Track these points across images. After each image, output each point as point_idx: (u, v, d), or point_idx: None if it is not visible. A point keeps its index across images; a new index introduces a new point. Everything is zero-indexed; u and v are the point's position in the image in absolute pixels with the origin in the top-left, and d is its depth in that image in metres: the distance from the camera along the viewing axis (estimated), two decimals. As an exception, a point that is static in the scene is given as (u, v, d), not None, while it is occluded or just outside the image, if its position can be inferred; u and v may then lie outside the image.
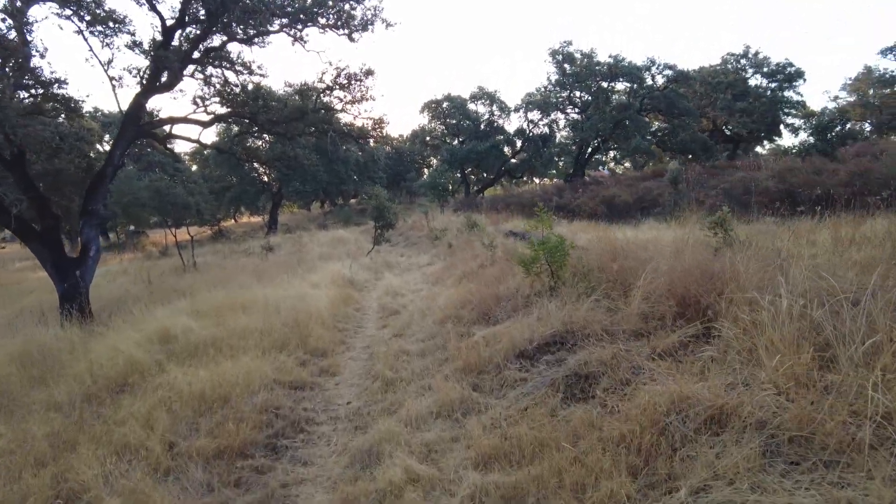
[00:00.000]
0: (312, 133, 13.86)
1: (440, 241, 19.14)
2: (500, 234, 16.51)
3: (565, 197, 25.35)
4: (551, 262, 6.66)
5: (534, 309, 6.27)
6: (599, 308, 5.57)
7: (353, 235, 25.67)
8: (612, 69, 32.38)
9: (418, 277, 13.57)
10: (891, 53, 39.45)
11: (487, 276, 9.47)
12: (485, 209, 27.18)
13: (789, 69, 40.07)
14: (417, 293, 11.15)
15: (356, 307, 10.62)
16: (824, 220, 9.51)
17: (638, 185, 22.96)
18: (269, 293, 10.62)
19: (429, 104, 43.05)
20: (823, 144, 25.46)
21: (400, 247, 22.34)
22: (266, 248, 22.46)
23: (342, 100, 12.78)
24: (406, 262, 17.21)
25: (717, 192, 16.23)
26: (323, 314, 9.16)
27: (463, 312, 7.56)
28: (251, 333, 7.87)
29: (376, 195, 18.39)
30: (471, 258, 12.73)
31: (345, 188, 41.93)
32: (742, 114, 38.20)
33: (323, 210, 52.20)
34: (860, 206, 9.97)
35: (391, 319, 9.02)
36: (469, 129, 42.01)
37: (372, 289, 13.10)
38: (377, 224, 18.74)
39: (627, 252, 6.80)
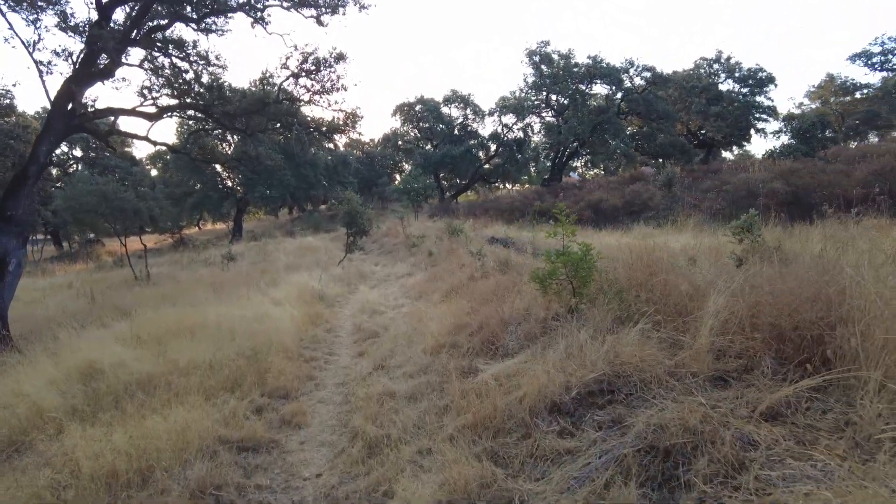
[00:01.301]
0: (276, 129, 12.26)
1: (418, 248, 17.70)
2: (482, 241, 15.20)
3: (546, 201, 24.18)
4: (573, 277, 5.30)
5: (557, 338, 4.89)
6: (649, 340, 4.23)
7: (323, 243, 24.01)
8: (591, 70, 31.49)
9: (397, 290, 12.10)
10: (859, 59, 39.81)
11: (482, 291, 8.08)
12: (462, 215, 25.87)
13: (760, 74, 40.05)
14: (398, 310, 9.69)
15: (327, 328, 9.11)
16: (861, 223, 8.49)
17: (624, 188, 21.97)
18: (224, 312, 9.05)
19: (401, 107, 41.69)
20: (805, 147, 24.94)
21: (374, 255, 20.80)
22: (227, 257, 20.69)
23: (309, 89, 11.27)
24: (382, 273, 15.71)
25: (718, 194, 15.25)
26: (286, 339, 7.64)
27: (460, 339, 6.14)
28: (197, 368, 6.34)
29: (348, 199, 16.86)
30: (457, 268, 11.33)
31: (314, 193, 40.12)
32: (716, 118, 37.93)
33: (291, 216, 50.13)
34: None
35: (369, 345, 7.54)
36: (443, 133, 40.78)
37: (345, 304, 11.58)
38: (349, 231, 17.20)
39: (668, 263, 5.49)
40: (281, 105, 11.13)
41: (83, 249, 35.52)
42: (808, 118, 26.57)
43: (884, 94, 41.22)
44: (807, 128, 25.56)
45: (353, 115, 12.26)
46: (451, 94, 40.74)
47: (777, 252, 7.08)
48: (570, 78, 31.68)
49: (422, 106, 40.82)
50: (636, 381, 3.79)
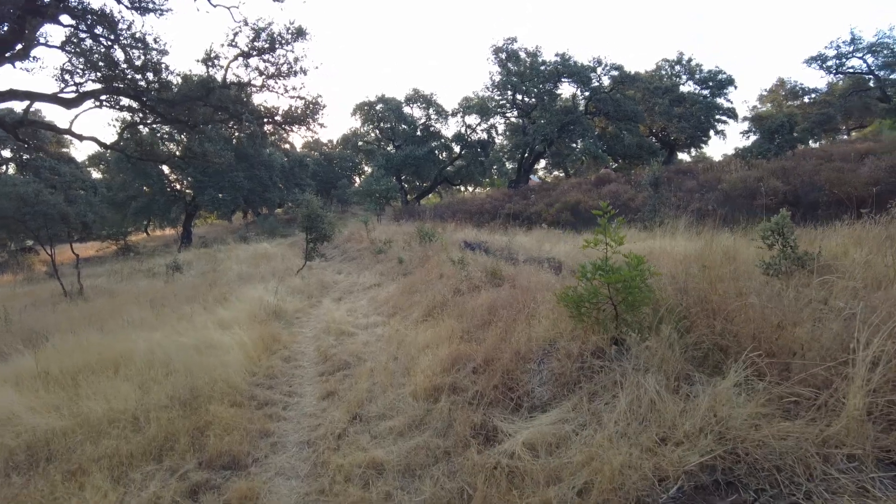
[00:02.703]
0: (224, 120, 10.56)
1: (386, 254, 16.19)
2: (456, 245, 13.85)
3: (517, 204, 23.04)
4: (620, 300, 3.99)
5: (608, 385, 3.58)
6: (757, 396, 2.94)
7: (280, 250, 22.15)
8: (559, 68, 30.59)
9: (366, 305, 10.58)
10: (814, 62, 40.41)
11: (474, 309, 6.70)
12: (429, 218, 24.47)
13: (720, 76, 40.34)
14: (371, 331, 8.18)
15: (285, 355, 7.53)
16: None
17: (599, 189, 21.02)
18: (159, 339, 7.42)
19: (361, 106, 39.96)
20: (775, 147, 24.63)
21: (336, 262, 19.14)
22: (173, 267, 18.67)
23: (263, 72, 9.65)
24: (346, 282, 14.13)
25: (706, 194, 14.33)
26: (235, 375, 6.08)
27: (462, 378, 4.74)
28: (115, 422, 4.79)
29: (307, 202, 15.23)
30: (435, 278, 9.92)
31: (269, 196, 37.91)
32: (680, 119, 37.81)
33: (246, 221, 47.61)
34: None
35: (340, 381, 6.04)
36: (405, 134, 39.30)
37: (306, 321, 10.00)
38: (309, 236, 15.56)
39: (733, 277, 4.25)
40: (228, 91, 9.49)
41: (13, 259, 32.37)
42: (777, 118, 26.29)
43: (838, 98, 42.05)
44: (775, 128, 25.25)
45: (315, 103, 10.71)
46: (413, 93, 39.29)
47: (814, 260, 5.99)
48: (538, 76, 30.69)
49: (383, 105, 39.22)
50: (768, 469, 2.48)
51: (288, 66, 9.70)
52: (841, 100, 41.60)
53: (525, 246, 13.75)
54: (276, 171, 37.68)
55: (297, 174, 42.57)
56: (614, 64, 31.38)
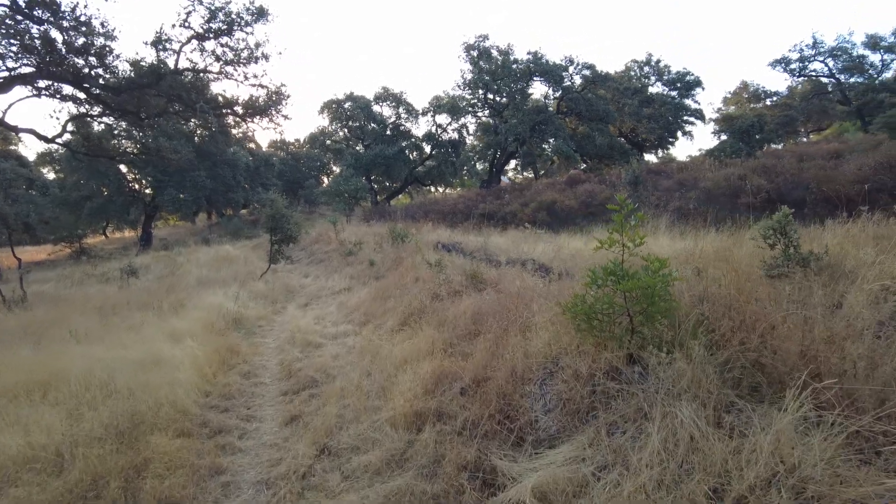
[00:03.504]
0: (180, 112, 9.65)
1: (356, 257, 15.41)
2: (429, 247, 13.20)
3: (490, 204, 22.48)
4: (638, 311, 3.38)
5: (630, 414, 2.97)
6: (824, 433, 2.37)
7: (243, 252, 21.11)
8: (531, 67, 30.18)
9: (335, 311, 9.82)
10: (778, 65, 41.13)
11: (457, 317, 6.05)
12: (400, 218, 23.73)
13: (688, 77, 40.73)
14: (341, 342, 7.44)
15: (244, 370, 6.75)
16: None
17: (574, 188, 20.62)
18: (101, 355, 6.57)
19: (329, 104, 38.92)
20: (746, 147, 24.72)
21: (303, 265, 18.26)
22: (127, 272, 17.50)
23: (220, 58, 8.80)
24: (314, 287, 13.32)
25: (685, 193, 14.00)
26: (185, 396, 5.30)
27: (448, 402, 4.08)
28: (34, 461, 4.01)
29: (271, 201, 14.36)
30: (410, 282, 9.23)
31: (233, 196, 36.51)
32: (649, 120, 37.98)
33: (210, 222, 45.90)
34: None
35: (305, 402, 5.31)
36: (374, 133, 38.42)
37: (268, 331, 9.21)
38: (273, 237, 14.68)
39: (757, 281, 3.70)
40: (181, 77, 8.61)
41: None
42: (747, 118, 26.44)
43: (800, 101, 42.93)
44: (746, 128, 25.36)
45: (278, 93, 9.88)
46: (383, 91, 38.44)
47: (819, 261, 5.55)
48: (510, 75, 30.23)
49: (351, 103, 38.25)
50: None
51: (248, 51, 8.91)
52: (803, 103, 42.49)
53: (501, 247, 13.17)
54: (240, 171, 36.32)
55: (262, 174, 41.21)
56: (586, 63, 31.17)
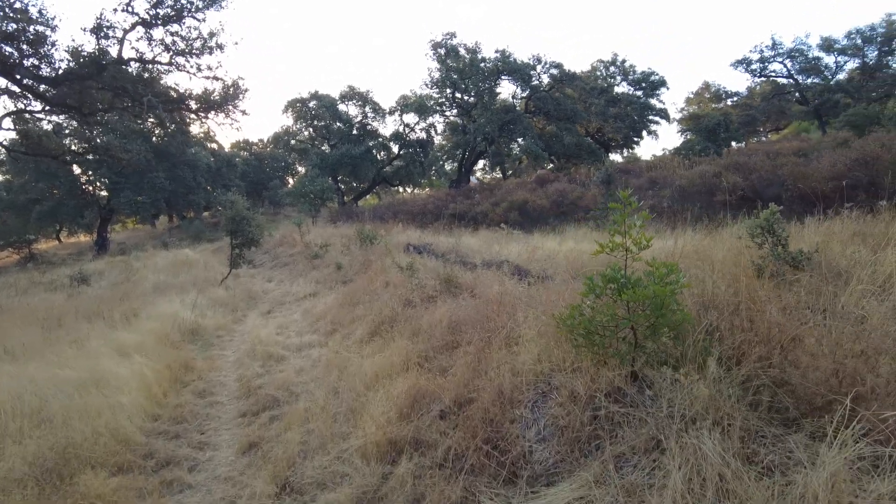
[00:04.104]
0: (127, 107, 8.91)
1: (322, 260, 14.79)
2: (399, 249, 12.71)
3: (461, 204, 22.07)
4: (644, 325, 2.97)
5: (640, 445, 2.56)
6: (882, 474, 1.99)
7: (203, 256, 20.20)
8: (499, 65, 29.89)
9: (300, 320, 9.23)
10: (740, 66, 41.93)
11: (432, 326, 5.57)
12: (368, 219, 23.12)
13: (653, 77, 41.16)
14: (305, 354, 6.88)
15: (199, 388, 6.14)
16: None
17: (545, 188, 20.37)
18: (36, 374, 5.88)
19: (293, 103, 37.94)
20: (713, 145, 24.96)
21: (266, 269, 17.51)
22: (78, 279, 16.49)
23: (170, 47, 8.11)
24: (278, 292, 12.67)
25: (659, 191, 13.82)
26: (127, 425, 4.70)
27: (426, 428, 3.60)
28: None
29: (232, 202, 13.63)
30: (380, 287, 8.72)
31: (194, 198, 35.25)
32: (615, 119, 38.19)
33: (171, 225, 44.26)
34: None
35: (265, 425, 4.76)
36: (340, 132, 37.63)
37: (227, 342, 8.58)
38: (234, 240, 13.95)
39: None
40: (126, 68, 7.89)
41: None
42: (713, 117, 26.70)
43: (760, 101, 43.91)
44: (713, 126, 25.59)
45: (235, 86, 9.22)
46: (349, 90, 37.68)
47: (810, 260, 5.29)
48: (478, 73, 29.87)
49: (316, 102, 37.37)
50: None
51: (201, 40, 8.25)
52: (763, 103, 43.46)
53: (473, 247, 12.76)
54: (201, 172, 35.14)
55: (224, 174, 40.01)
56: (554, 62, 31.04)
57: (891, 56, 38.51)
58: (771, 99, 42.50)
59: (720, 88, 48.98)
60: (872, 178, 9.46)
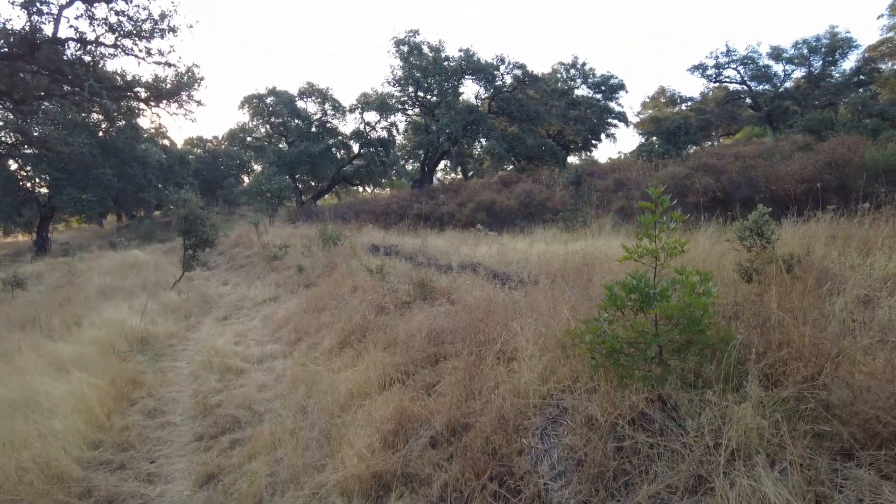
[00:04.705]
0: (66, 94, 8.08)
1: (282, 261, 14.10)
2: (363, 250, 12.18)
3: (425, 204, 21.60)
4: (677, 342, 2.60)
5: (680, 483, 2.17)
6: None
7: (154, 258, 19.10)
8: (463, 65, 29.56)
9: (259, 327, 8.60)
10: (696, 71, 42.92)
11: (409, 336, 5.10)
12: (329, 219, 22.41)
13: (612, 81, 41.69)
14: (268, 367, 6.30)
15: (149, 407, 5.49)
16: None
17: (511, 188, 20.11)
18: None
19: (249, 99, 36.66)
20: (674, 147, 25.31)
21: (222, 271, 16.65)
22: (12, 282, 15.25)
23: (115, 29, 7.36)
24: (234, 296, 11.93)
25: (639, 192, 13.67)
26: (60, 457, 4.06)
27: (416, 458, 3.13)
28: None
29: (184, 200, 12.81)
30: (347, 292, 8.18)
31: (144, 197, 33.63)
32: (576, 122, 38.49)
33: (120, 224, 42.13)
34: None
35: (225, 452, 4.20)
36: (299, 130, 36.61)
37: (181, 352, 7.88)
38: (187, 241, 13.12)
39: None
40: (62, 48, 7.10)
41: None
42: (674, 120, 27.09)
43: (716, 105, 45.13)
44: (673, 129, 25.94)
45: (189, 74, 8.49)
46: (308, 86, 36.70)
47: (800, 263, 5.10)
48: (441, 72, 29.46)
49: (274, 98, 36.23)
50: None
51: (151, 21, 7.52)
52: (718, 107, 44.69)
53: (441, 249, 12.34)
54: (152, 169, 33.57)
55: (177, 172, 38.44)
56: (517, 62, 30.87)
57: (834, 66, 40.13)
58: (725, 104, 43.70)
59: (675, 93, 50.05)
60: (842, 180, 9.53)
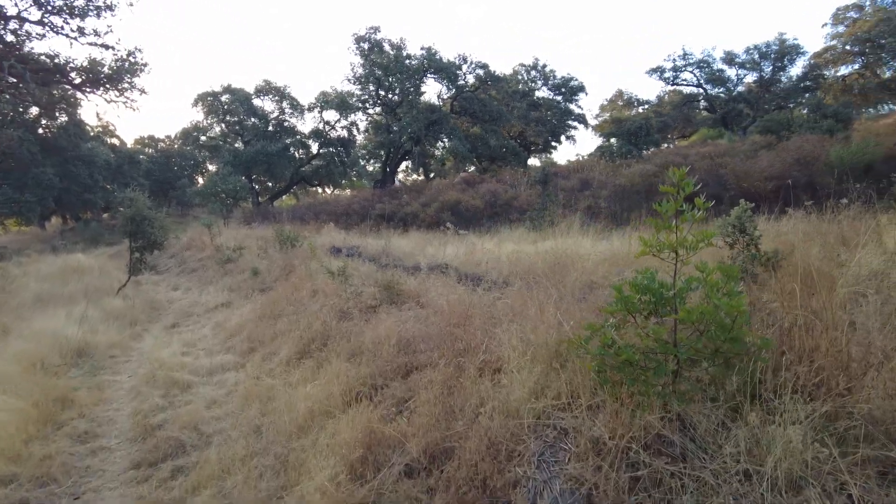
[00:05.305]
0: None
1: (236, 264, 13.34)
2: (323, 251, 11.61)
3: (388, 204, 21.06)
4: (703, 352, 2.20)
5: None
6: None
7: (99, 261, 17.95)
8: (425, 63, 29.12)
9: (210, 335, 7.93)
10: (654, 73, 43.69)
11: (375, 343, 4.61)
12: (287, 220, 21.62)
13: (572, 83, 42.06)
14: (219, 381, 5.69)
15: (79, 431, 4.83)
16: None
17: (477, 188, 19.76)
18: None
19: (204, 97, 35.30)
20: (635, 148, 25.54)
21: (172, 275, 15.73)
22: (-65, 289, 14.00)
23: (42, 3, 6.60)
24: (185, 302, 11.16)
25: (607, 191, 13.45)
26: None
27: (390, 491, 2.66)
28: None
29: (130, 200, 11.95)
30: (307, 296, 7.61)
31: (90, 198, 31.93)
32: (537, 123, 38.63)
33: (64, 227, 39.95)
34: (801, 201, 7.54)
35: (166, 482, 3.63)
36: (255, 129, 35.46)
37: (123, 364, 7.17)
38: (134, 243, 12.25)
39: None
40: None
41: None
42: (635, 121, 27.34)
43: (673, 108, 46.05)
44: (634, 130, 26.16)
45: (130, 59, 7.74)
46: (265, 84, 35.61)
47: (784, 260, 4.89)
48: (403, 71, 28.94)
49: (230, 96, 35.00)
50: None
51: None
52: (674, 110, 45.62)
53: (406, 250, 11.88)
54: (99, 169, 31.91)
55: (126, 172, 36.70)
56: (479, 62, 30.63)
57: (783, 71, 41.44)
58: (681, 107, 44.60)
59: (632, 96, 50.86)
60: (811, 177, 9.52)
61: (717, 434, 2.18)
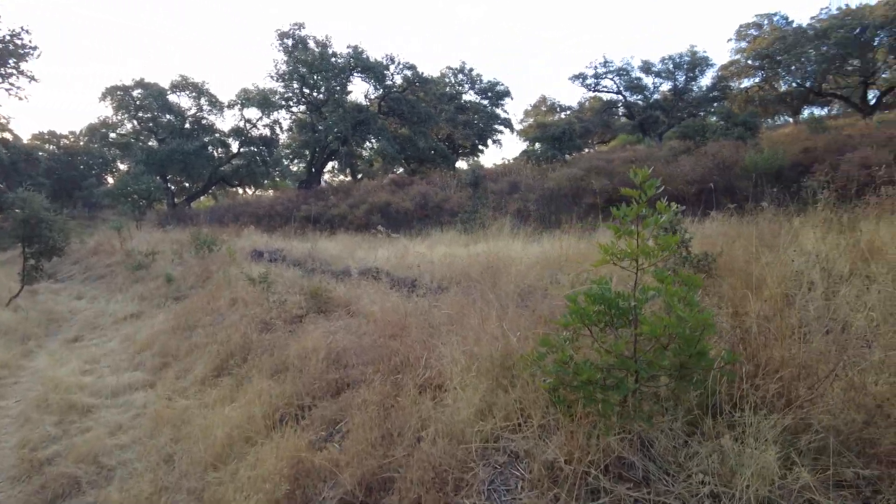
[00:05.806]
0: None
1: (148, 270, 12.38)
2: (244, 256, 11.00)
3: (314, 206, 20.37)
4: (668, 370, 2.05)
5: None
6: None
7: (-13, 269, 16.24)
8: (351, 62, 28.52)
9: (118, 349, 7.21)
10: (577, 80, 45.11)
11: (305, 361, 4.25)
12: (205, 222, 20.48)
13: (498, 87, 42.77)
14: (126, 403, 5.10)
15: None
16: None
17: (407, 190, 19.45)
18: None
19: (113, 90, 32.91)
20: (559, 152, 26.08)
21: (76, 283, 14.41)
22: None
23: None
24: (89, 313, 10.18)
25: (536, 194, 13.47)
26: None
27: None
28: None
29: (24, 200, 10.79)
30: (226, 306, 7.07)
31: (-23, 199, 29.02)
32: (465, 126, 38.93)
33: (-54, 232, 36.07)
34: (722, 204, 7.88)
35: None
36: (170, 126, 33.48)
37: (11, 386, 6.35)
38: (29, 249, 11.07)
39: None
40: None
41: None
42: (559, 126, 27.97)
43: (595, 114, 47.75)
44: (558, 134, 26.75)
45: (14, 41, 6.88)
46: (181, 79, 33.69)
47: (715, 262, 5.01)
48: (329, 69, 28.19)
49: (142, 91, 32.85)
50: None
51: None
52: (595, 116, 47.31)
53: (334, 254, 11.45)
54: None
55: (22, 171, 33.65)
56: (407, 63, 30.36)
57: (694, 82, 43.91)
58: (601, 113, 46.30)
59: (555, 102, 52.30)
60: (729, 181, 9.96)
61: (677, 452, 2.03)
